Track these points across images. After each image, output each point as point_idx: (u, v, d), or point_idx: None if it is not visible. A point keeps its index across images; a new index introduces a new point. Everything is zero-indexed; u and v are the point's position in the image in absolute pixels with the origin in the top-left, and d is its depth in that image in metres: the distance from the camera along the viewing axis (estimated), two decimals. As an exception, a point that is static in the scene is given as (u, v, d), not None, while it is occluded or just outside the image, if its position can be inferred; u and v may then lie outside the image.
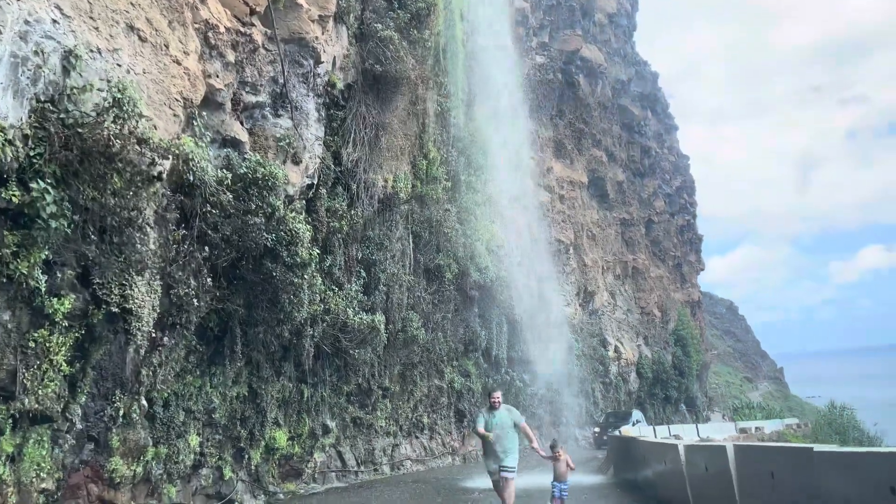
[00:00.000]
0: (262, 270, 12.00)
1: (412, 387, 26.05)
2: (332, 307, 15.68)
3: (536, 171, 39.00)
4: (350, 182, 16.35)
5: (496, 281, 30.74)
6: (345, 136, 15.84)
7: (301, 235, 12.19)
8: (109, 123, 7.31)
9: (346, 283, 16.73)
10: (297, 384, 19.10)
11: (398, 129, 17.71)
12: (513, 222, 34.05)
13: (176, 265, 10.37)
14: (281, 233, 11.91)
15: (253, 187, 11.24)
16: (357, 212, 16.58)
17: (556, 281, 40.08)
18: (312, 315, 15.04)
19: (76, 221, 7.54)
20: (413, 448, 26.52)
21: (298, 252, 12.18)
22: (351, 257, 16.88)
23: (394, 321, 22.25)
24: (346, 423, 22.55)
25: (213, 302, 11.71)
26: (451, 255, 26.31)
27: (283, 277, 12.23)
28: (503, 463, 10.43)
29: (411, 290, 23.96)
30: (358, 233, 17.06)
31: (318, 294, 14.83)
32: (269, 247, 11.76)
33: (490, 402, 10.43)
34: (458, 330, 28.72)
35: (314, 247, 13.53)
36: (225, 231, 10.90)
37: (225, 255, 11.16)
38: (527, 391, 34.53)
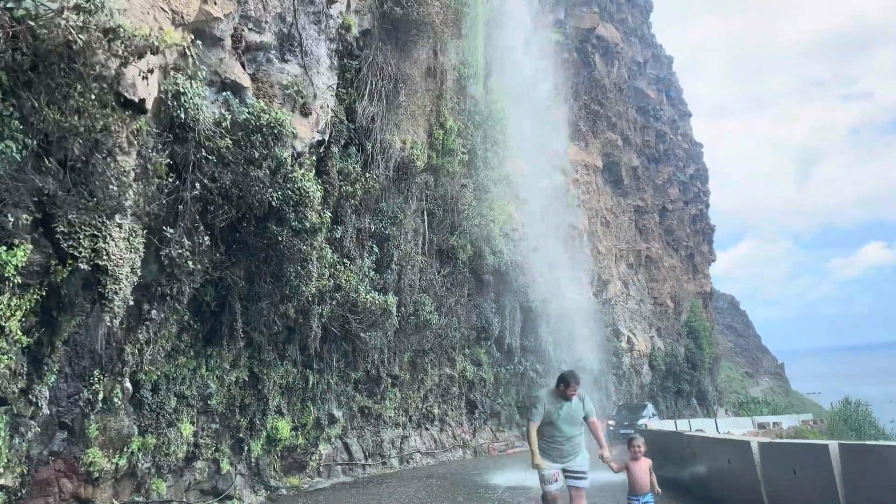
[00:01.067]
0: (266, 234, 10.34)
1: (423, 375, 24.46)
2: (343, 283, 14.04)
3: (552, 151, 37.27)
4: (364, 142, 14.66)
5: (511, 266, 29.08)
6: (360, 88, 14.12)
7: (311, 196, 10.52)
8: (70, 14, 5.63)
9: (358, 258, 15.08)
10: (301, 369, 17.49)
11: (418, 84, 15.99)
12: (528, 205, 32.37)
13: (166, 221, 8.71)
14: (288, 191, 10.24)
15: (256, 135, 9.55)
16: (372, 175, 14.89)
17: (569, 268, 38.43)
18: (321, 291, 13.40)
19: (30, 147, 5.90)
20: (423, 440, 24.96)
21: (307, 215, 10.51)
22: (363, 229, 15.22)
23: (405, 304, 20.62)
24: (353, 412, 20.97)
25: (210, 269, 10.07)
26: (465, 237, 24.64)
27: (289, 244, 10.57)
28: (572, 465, 7.39)
29: (424, 271, 22.32)
30: (371, 202, 15.39)
31: (328, 267, 13.19)
32: (274, 206, 10.10)
33: (564, 392, 7.32)
34: (472, 316, 27.09)
35: (325, 210, 11.85)
36: (224, 183, 9.23)
37: (224, 212, 9.49)
38: (539, 382, 32.91)
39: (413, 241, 20.53)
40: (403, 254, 19.18)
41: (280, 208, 10.13)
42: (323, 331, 16.36)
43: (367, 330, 15.99)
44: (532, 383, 32.47)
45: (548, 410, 7.23)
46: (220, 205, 9.33)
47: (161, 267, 9.67)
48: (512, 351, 30.58)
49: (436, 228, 22.96)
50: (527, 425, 7.30)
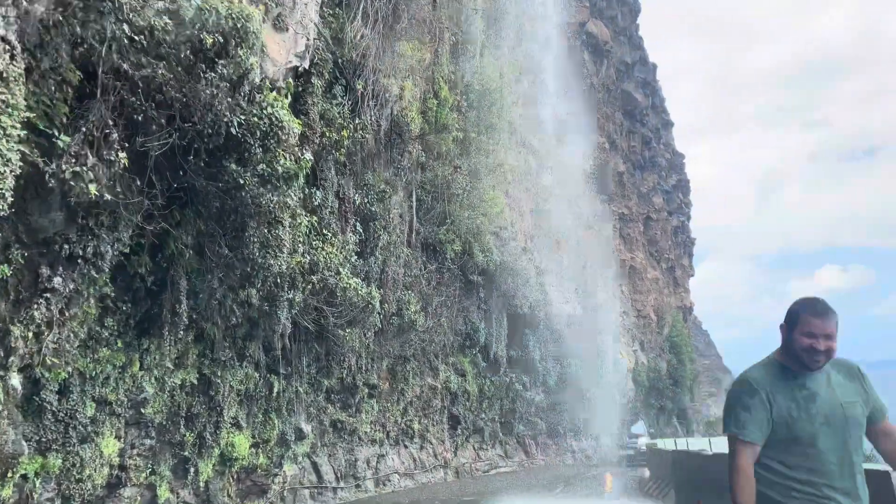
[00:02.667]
0: (223, 176, 7.53)
1: (403, 386, 21.62)
2: (321, 262, 11.23)
3: (541, 150, 34.99)
4: (354, 81, 11.94)
5: (500, 267, 26.49)
6: (351, 6, 11.38)
7: (285, 128, 7.77)
8: None
9: (339, 234, 12.29)
10: (265, 374, 14.54)
11: (422, 9, 13.34)
12: (518, 203, 29.94)
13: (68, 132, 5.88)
14: (253, 117, 7.47)
15: (215, 36, 6.74)
16: (362, 122, 12.13)
17: (556, 274, 36.03)
18: (293, 272, 10.57)
19: None
20: (401, 459, 22.05)
21: (279, 155, 7.73)
22: (347, 199, 12.48)
23: (388, 301, 17.83)
24: (324, 427, 18.03)
25: (141, 220, 7.21)
26: (454, 230, 21.99)
27: (254, 194, 7.78)
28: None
29: (409, 265, 19.59)
30: (358, 165, 12.68)
31: (303, 239, 10.40)
32: (234, 135, 7.32)
33: (810, 353, 2.75)
34: (458, 320, 24.37)
35: (304, 152, 9.06)
36: (163, 94, 6.42)
37: (159, 132, 6.64)
38: (525, 395, 30.30)
39: (399, 229, 17.81)
40: (389, 241, 16.43)
41: (243, 140, 7.34)
42: (293, 326, 13.50)
43: (345, 327, 13.17)
44: (517, 397, 29.83)
45: (781, 410, 2.75)
46: (154, 119, 6.50)
47: (70, 215, 6.77)
48: (498, 361, 27.91)
49: (423, 218, 20.28)
50: (731, 459, 2.76)
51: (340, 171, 12.09)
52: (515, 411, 29.89)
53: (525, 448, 31.05)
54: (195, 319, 10.21)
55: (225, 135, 7.16)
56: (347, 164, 12.21)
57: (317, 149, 10.50)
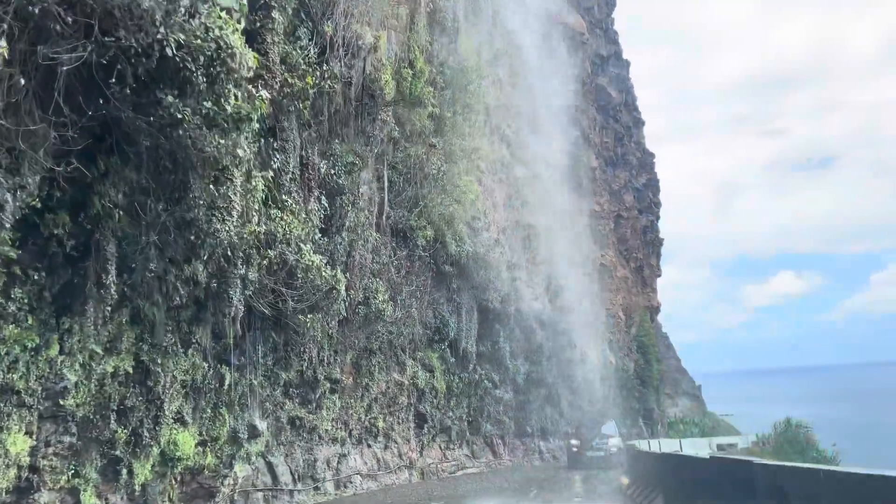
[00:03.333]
0: (156, 110, 6.04)
1: (368, 381, 20.23)
2: (279, 234, 9.82)
3: (516, 140, 33.90)
4: (322, 24, 10.52)
5: (472, 258, 25.28)
6: None
7: (236, 56, 6.35)
8: None
9: (302, 205, 10.87)
10: (214, 364, 13.04)
11: None
12: (491, 193, 28.77)
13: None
14: (196, 39, 6.00)
15: None
16: (329, 70, 10.70)
17: (526, 269, 35.00)
18: (246, 243, 9.14)
19: None
20: (364, 459, 20.66)
21: (228, 91, 6.31)
22: (312, 165, 11.06)
23: (355, 287, 16.46)
24: (280, 424, 16.54)
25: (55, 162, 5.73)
26: (426, 216, 20.70)
27: (196, 135, 6.35)
28: None
29: (378, 251, 18.24)
30: (324, 129, 11.25)
31: (258, 204, 8.97)
32: (171, 60, 5.87)
33: None
34: (427, 313, 23.07)
35: (259, 90, 7.61)
36: None
37: (73, 46, 5.18)
38: (494, 393, 29.14)
39: (368, 210, 16.45)
40: (357, 221, 15.05)
41: (182, 66, 5.88)
42: (247, 310, 12.04)
43: (306, 313, 11.77)
44: (486, 394, 28.66)
45: None
46: (62, 23, 5.03)
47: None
48: (467, 357, 26.67)
49: (394, 201, 18.95)
50: None
51: (304, 130, 10.68)
52: (484, 410, 28.70)
53: (493, 448, 29.89)
54: (129, 296, 8.70)
55: (159, 57, 5.72)
56: (313, 125, 10.82)
57: (276, 97, 9.07)
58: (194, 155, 6.58)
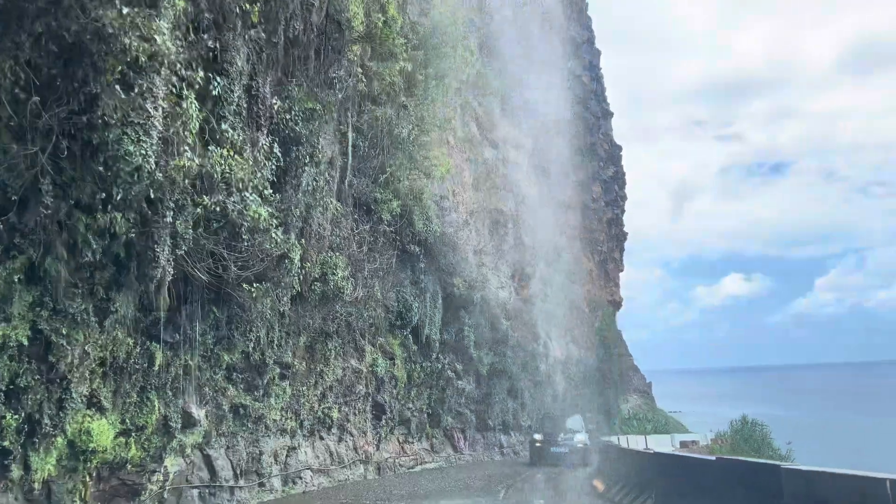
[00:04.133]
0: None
1: (322, 367, 18.40)
2: (218, 175, 7.98)
3: (486, 120, 32.34)
4: None
5: (440, 239, 23.64)
6: None
7: None
8: None
9: (249, 149, 9.03)
10: (140, 338, 11.09)
11: None
12: (460, 173, 27.14)
13: None
14: None
15: None
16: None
17: (493, 255, 33.53)
18: (176, 183, 7.28)
19: None
20: (316, 453, 18.85)
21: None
22: (262, 99, 9.22)
23: (311, 260, 14.63)
24: (222, 412, 14.61)
25: None
26: (393, 190, 18.94)
27: (90, 5, 4.52)
28: None
29: (338, 223, 16.42)
30: (279, 51, 9.38)
31: (190, 134, 7.13)
32: None
33: None
34: (390, 295, 21.31)
35: None
36: None
37: None
38: (456, 384, 27.58)
39: (329, 174, 14.62)
40: (315, 184, 13.23)
41: None
42: (182, 277, 10.13)
43: (253, 281, 9.93)
44: (448, 385, 27.07)
45: None
46: None
47: None
48: (430, 345, 25.04)
49: (358, 168, 17.13)
50: None
51: (254, 52, 8.81)
52: (445, 401, 27.12)
53: (453, 442, 28.35)
54: (20, 245, 6.75)
55: None
56: (265, 50, 8.98)
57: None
58: (90, 33, 4.76)
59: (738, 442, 54.79)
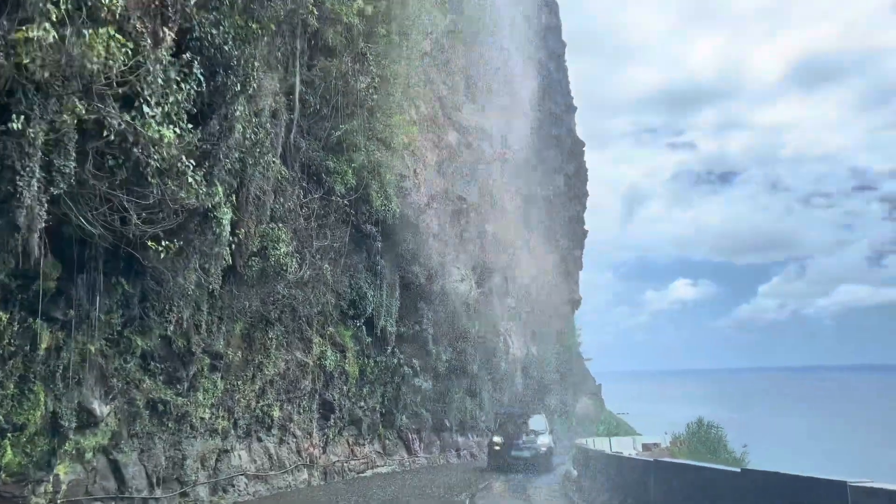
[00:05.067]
0: None
1: (262, 359, 16.08)
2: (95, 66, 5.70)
3: (451, 101, 30.31)
4: None
5: (400, 222, 21.51)
6: None
7: None
8: None
9: (146, 42, 6.72)
10: (21, 314, 8.70)
11: None
12: (423, 153, 25.04)
13: None
14: None
15: None
16: None
17: (454, 247, 31.54)
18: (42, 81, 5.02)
19: None
20: (252, 457, 16.48)
21: None
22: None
23: (247, 230, 12.36)
24: (135, 409, 12.19)
25: None
26: (348, 158, 16.73)
27: None
28: None
29: (283, 190, 14.16)
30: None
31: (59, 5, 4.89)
32: None
33: None
34: (342, 280, 19.08)
35: None
36: None
37: None
38: (413, 382, 25.49)
39: (271, 128, 12.37)
40: (255, 136, 10.98)
41: None
42: (77, 239, 7.77)
43: (163, 239, 7.67)
44: (403, 382, 24.95)
45: None
46: None
47: None
48: (386, 338, 22.88)
49: (308, 129, 14.88)
50: None
51: None
52: (400, 400, 25.00)
53: (407, 444, 26.24)
54: None
55: None
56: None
57: None
58: None
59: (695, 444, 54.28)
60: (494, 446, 25.41)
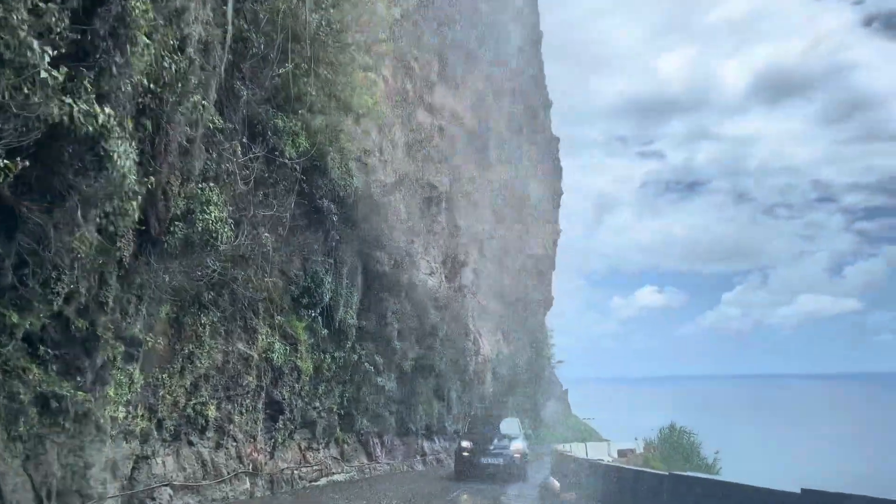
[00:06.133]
0: None
1: (194, 348, 13.65)
2: None
3: (422, 78, 28.18)
4: None
5: (364, 202, 19.26)
6: None
7: None
8: None
9: None
10: None
11: None
12: (390, 129, 22.83)
13: None
14: None
15: None
16: None
17: (423, 237, 29.40)
18: None
19: None
20: (180, 463, 14.02)
21: None
22: None
23: (168, 187, 10.02)
24: (16, 405, 9.70)
25: None
26: (301, 118, 14.43)
27: None
28: None
29: (217, 146, 11.83)
30: None
31: None
32: None
33: None
34: (293, 262, 16.75)
35: None
36: None
37: None
38: (375, 381, 23.19)
39: (202, 62, 10.05)
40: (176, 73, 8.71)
41: None
42: None
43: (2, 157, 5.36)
44: (365, 381, 22.65)
45: None
46: None
47: None
48: (345, 331, 20.58)
49: (251, 77, 12.56)
50: None
51: None
52: (360, 401, 22.67)
53: (368, 449, 23.93)
54: None
55: None
56: None
57: None
58: None
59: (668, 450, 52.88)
60: (463, 452, 23.17)
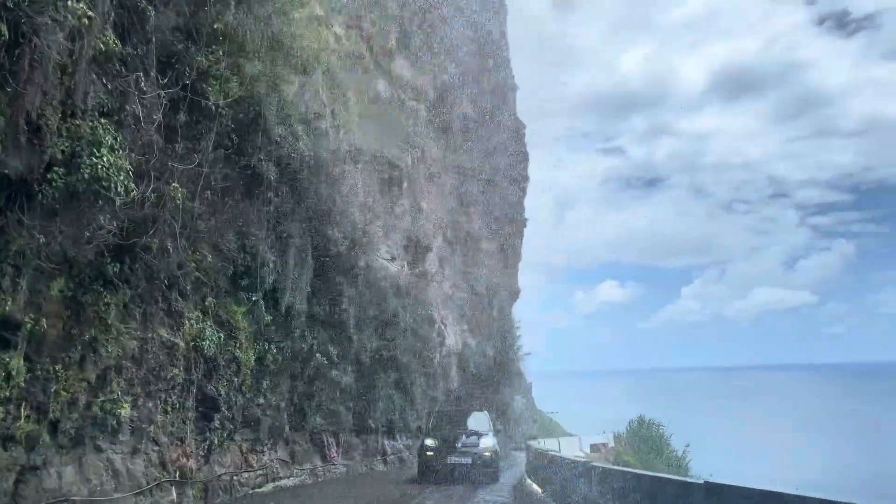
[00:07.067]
0: None
1: (97, 333, 11.18)
2: None
3: (378, 44, 25.89)
4: None
5: (314, 171, 16.94)
6: None
7: None
8: None
9: None
10: None
11: None
12: (344, 91, 20.50)
13: None
14: None
15: None
16: None
17: (383, 220, 27.14)
18: None
19: None
20: (84, 474, 11.56)
21: None
22: None
23: (40, 125, 7.61)
24: None
25: None
26: (231, 60, 12.06)
27: None
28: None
29: (111, 74, 9.41)
30: None
31: None
32: None
33: None
34: (227, 234, 14.35)
35: None
36: None
37: None
38: (329, 374, 20.87)
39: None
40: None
41: None
42: None
43: None
44: (319, 376, 20.32)
45: None
46: None
47: None
48: (293, 317, 18.20)
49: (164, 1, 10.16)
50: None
51: None
52: (313, 396, 20.33)
53: (322, 449, 21.59)
54: None
55: None
56: None
57: None
58: None
59: (638, 443, 51.76)
60: (427, 451, 20.99)
